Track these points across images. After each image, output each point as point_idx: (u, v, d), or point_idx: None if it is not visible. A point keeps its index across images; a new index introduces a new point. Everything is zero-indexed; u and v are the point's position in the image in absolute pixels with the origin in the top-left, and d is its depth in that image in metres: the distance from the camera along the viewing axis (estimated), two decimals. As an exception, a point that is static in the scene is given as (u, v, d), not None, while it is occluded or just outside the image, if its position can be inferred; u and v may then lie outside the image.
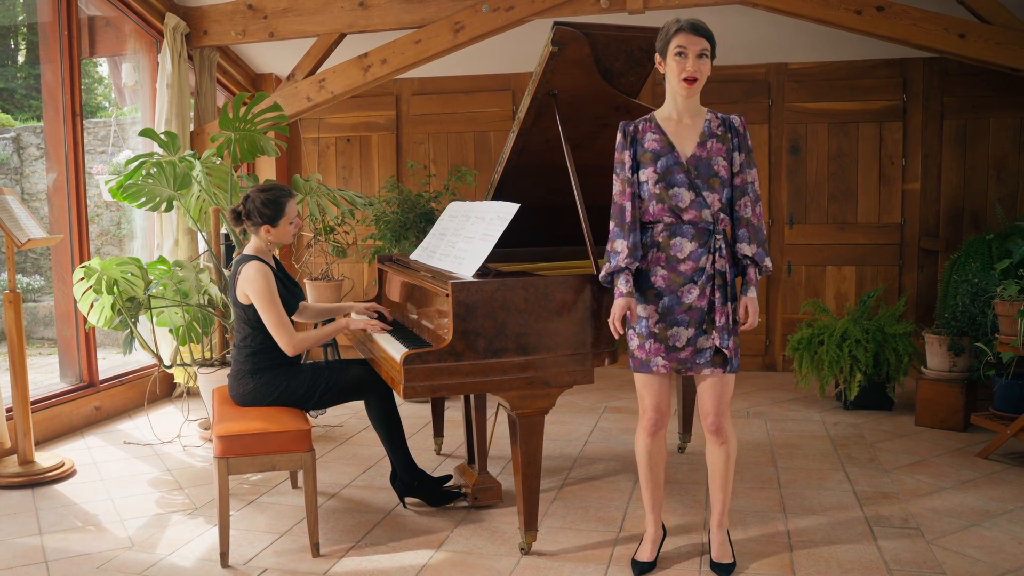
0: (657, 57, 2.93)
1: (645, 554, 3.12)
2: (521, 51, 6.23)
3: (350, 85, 5.51)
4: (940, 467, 4.23)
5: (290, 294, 3.57)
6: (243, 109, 4.89)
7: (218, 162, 5.11)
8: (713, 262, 2.86)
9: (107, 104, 11.53)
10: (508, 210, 3.30)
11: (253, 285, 3.37)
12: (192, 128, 5.72)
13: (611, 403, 5.60)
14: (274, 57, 6.42)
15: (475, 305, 3.01)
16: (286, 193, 3.51)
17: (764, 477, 4.10)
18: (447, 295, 3.03)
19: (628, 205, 2.89)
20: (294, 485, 4.01)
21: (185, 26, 5.52)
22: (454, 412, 5.21)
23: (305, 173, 6.87)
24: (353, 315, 3.82)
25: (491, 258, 3.31)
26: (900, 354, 5.09)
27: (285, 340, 3.37)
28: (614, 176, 2.95)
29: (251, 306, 3.43)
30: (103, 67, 10.97)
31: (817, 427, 4.97)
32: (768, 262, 2.90)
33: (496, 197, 4.05)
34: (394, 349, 3.26)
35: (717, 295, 2.86)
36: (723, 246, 2.87)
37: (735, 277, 2.93)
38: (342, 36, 5.55)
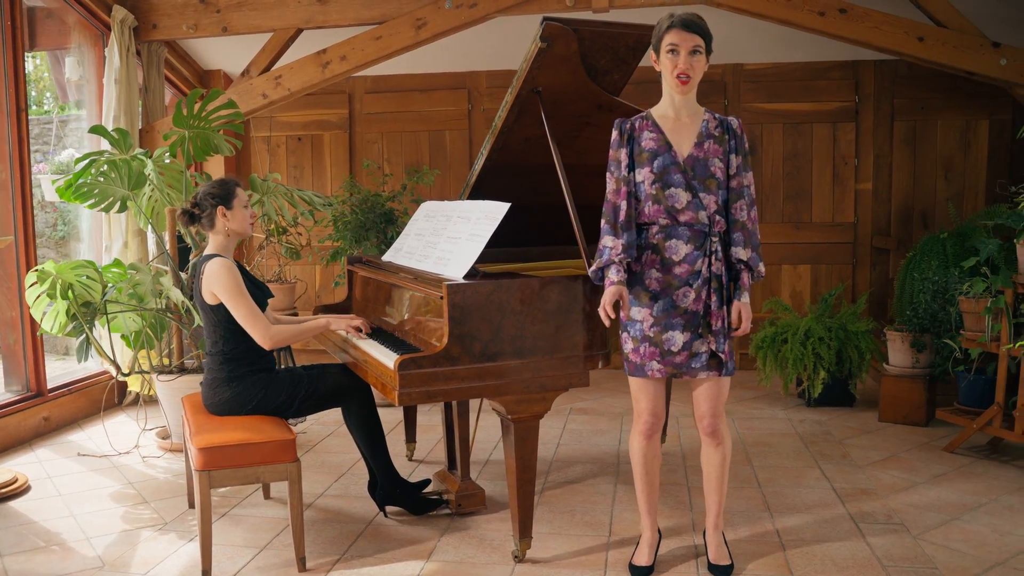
0: (652, 54, 2.88)
1: (643, 558, 3.08)
2: (477, 49, 6.16)
3: (308, 82, 5.35)
4: (910, 462, 4.29)
5: (258, 290, 3.43)
6: (197, 106, 4.71)
7: (168, 160, 4.90)
8: (709, 265, 2.82)
9: (29, 102, 11.00)
10: (498, 210, 3.23)
11: (219, 280, 3.22)
12: (140, 125, 5.48)
13: (576, 404, 5.56)
14: (222, 53, 6.21)
15: (471, 308, 2.92)
16: (232, 180, 3.42)
17: (743, 476, 4.10)
18: (441, 297, 2.93)
19: (623, 204, 2.83)
20: (266, 496, 3.86)
21: (133, 19, 5.28)
22: (423, 416, 5.10)
23: (259, 172, 6.67)
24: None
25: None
26: (862, 351, 5.17)
27: (260, 332, 3.22)
28: (608, 174, 2.89)
29: (220, 306, 3.28)
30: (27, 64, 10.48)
31: (784, 425, 5.00)
32: (762, 267, 2.87)
33: (472, 196, 3.97)
34: (382, 354, 3.14)
35: (713, 298, 2.82)
36: (719, 249, 2.83)
37: (730, 280, 2.89)
38: (299, 32, 5.39)
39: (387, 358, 3.05)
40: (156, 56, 5.57)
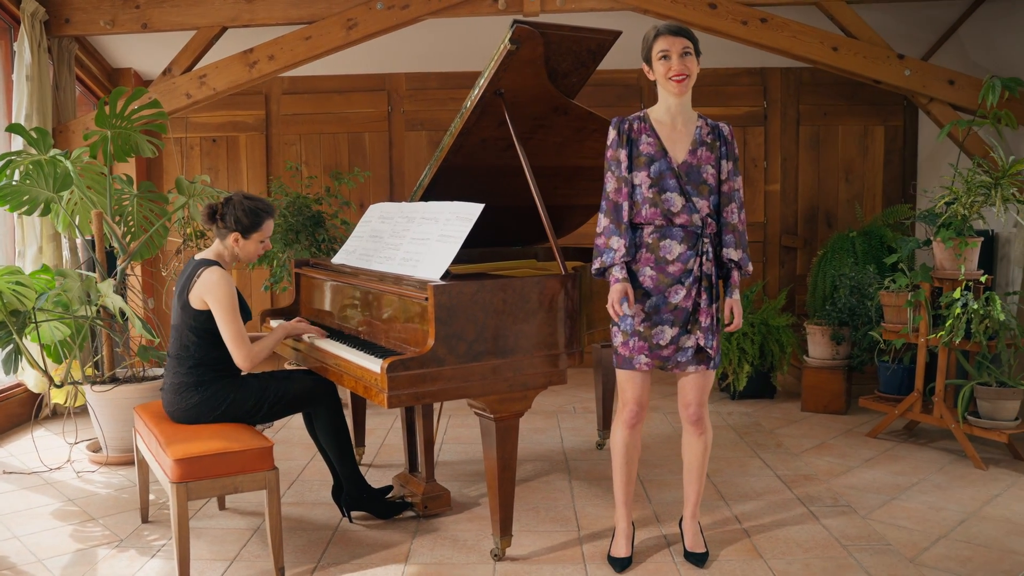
0: (644, 67, 2.98)
1: (621, 550, 3.15)
2: (397, 51, 6.13)
3: (234, 82, 5.20)
4: (840, 448, 4.54)
5: (243, 310, 3.34)
6: (121, 103, 4.52)
7: (85, 161, 4.69)
8: (700, 264, 2.94)
9: None
10: (471, 211, 3.23)
11: (215, 292, 3.13)
12: (52, 125, 5.20)
13: (510, 404, 5.60)
14: (134, 51, 5.96)
15: (456, 308, 2.93)
16: (269, 209, 3.34)
17: (690, 468, 4.23)
18: (426, 299, 2.93)
19: (624, 204, 2.92)
20: (221, 507, 3.74)
21: (44, 12, 5.01)
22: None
23: (173, 175, 6.43)
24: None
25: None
26: (783, 345, 5.42)
27: (243, 354, 3.15)
28: (607, 173, 2.97)
29: (202, 313, 3.18)
30: None
31: (715, 418, 5.19)
32: (750, 266, 3.01)
33: (425, 197, 3.97)
34: (360, 358, 3.10)
35: (703, 296, 2.94)
36: (710, 249, 2.95)
37: (719, 279, 3.01)
38: (223, 30, 5.24)
39: (369, 362, 3.01)
40: (67, 52, 5.30)
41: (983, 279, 4.26)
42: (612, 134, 2.98)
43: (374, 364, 2.95)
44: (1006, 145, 4.65)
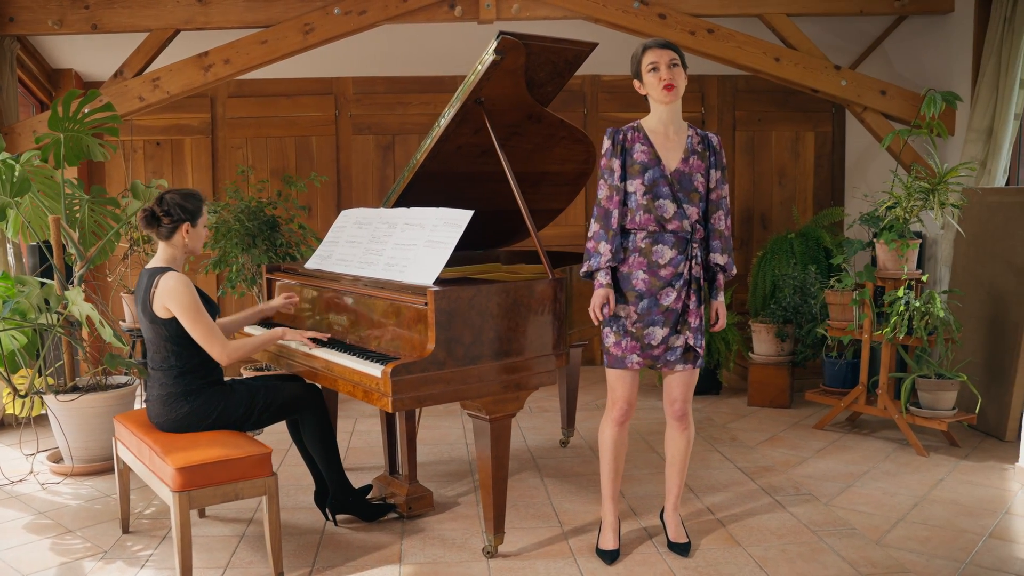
0: (635, 82, 3.12)
1: (609, 543, 3.28)
2: (343, 55, 6.14)
3: (188, 85, 5.14)
4: (791, 440, 4.77)
5: (208, 305, 3.33)
6: (75, 106, 4.43)
7: (36, 164, 4.58)
8: (690, 268, 3.09)
9: None
10: (460, 217, 3.30)
11: (175, 296, 3.11)
12: (-4, 127, 5.06)
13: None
14: (75, 52, 5.82)
15: (455, 312, 3.01)
16: (199, 196, 3.33)
17: (654, 463, 4.39)
18: (425, 304, 2.99)
19: (615, 212, 3.05)
20: (202, 515, 3.72)
21: (-12, 12, 4.88)
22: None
23: (116, 178, 6.28)
24: (288, 334, 3.53)
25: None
26: (729, 342, 5.65)
27: (218, 350, 3.14)
28: (600, 181, 3.10)
29: (172, 321, 3.16)
30: None
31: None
32: (734, 269, 3.19)
33: (399, 203, 4.02)
34: (356, 363, 3.12)
35: (692, 298, 3.10)
36: (699, 254, 3.11)
37: (706, 281, 3.17)
38: (177, 32, 5.16)
39: (367, 367, 3.05)
40: (9, 52, 5.14)
41: (924, 278, 4.55)
42: (607, 143, 3.10)
43: (374, 369, 3.00)
44: (938, 153, 4.97)
